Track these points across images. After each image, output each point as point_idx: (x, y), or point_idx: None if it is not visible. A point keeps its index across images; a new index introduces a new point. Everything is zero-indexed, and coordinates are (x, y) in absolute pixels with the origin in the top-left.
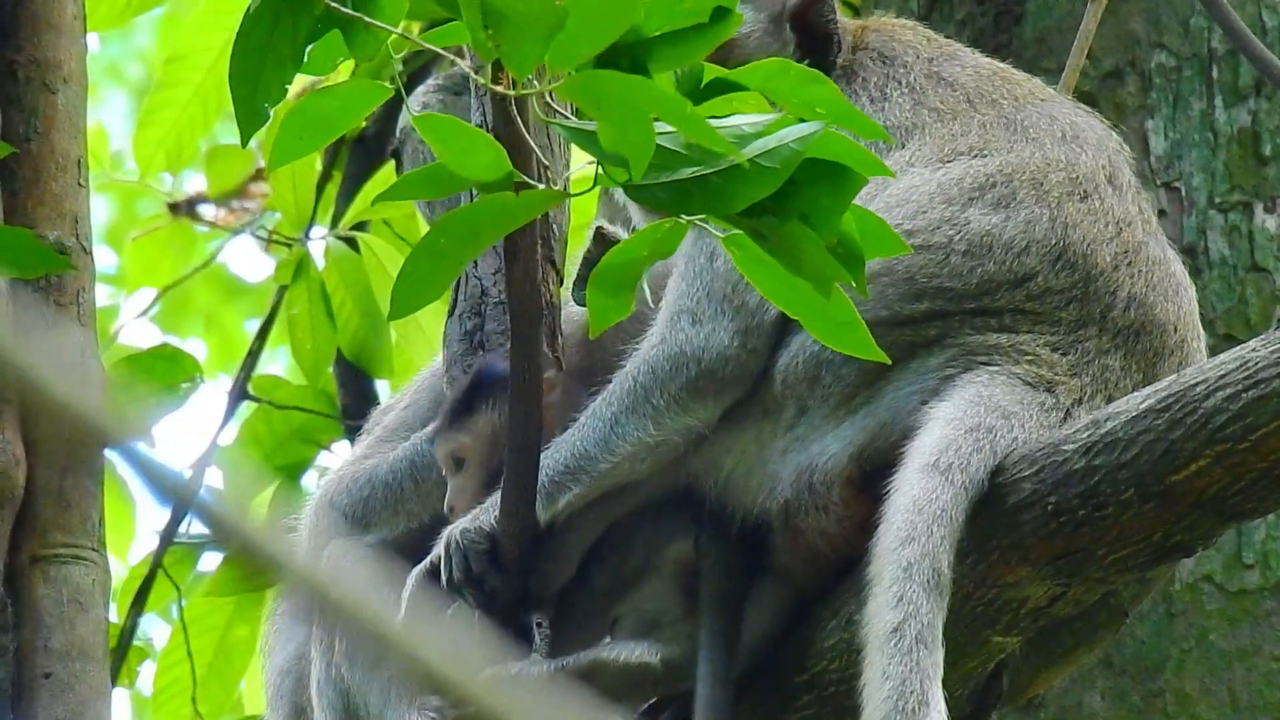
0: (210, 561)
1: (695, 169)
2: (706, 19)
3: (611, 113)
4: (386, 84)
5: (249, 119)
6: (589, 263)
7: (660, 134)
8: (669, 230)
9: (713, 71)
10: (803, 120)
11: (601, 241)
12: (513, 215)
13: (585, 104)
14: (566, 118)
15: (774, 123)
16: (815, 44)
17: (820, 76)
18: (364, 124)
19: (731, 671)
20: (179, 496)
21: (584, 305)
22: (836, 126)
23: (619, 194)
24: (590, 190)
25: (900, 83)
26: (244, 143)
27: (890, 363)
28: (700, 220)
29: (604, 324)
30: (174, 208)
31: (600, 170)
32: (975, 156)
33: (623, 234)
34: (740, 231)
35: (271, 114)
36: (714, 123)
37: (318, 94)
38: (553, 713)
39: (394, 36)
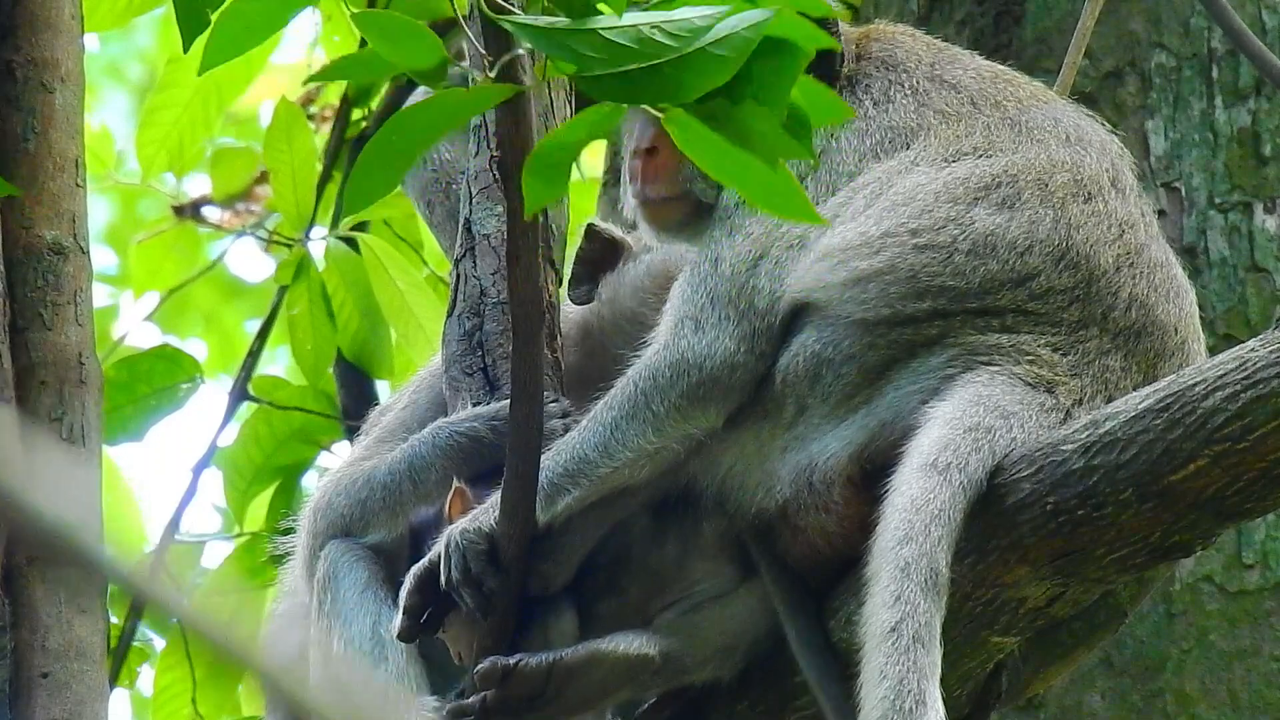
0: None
1: (647, 61)
2: None
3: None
4: None
5: (190, 25)
6: (582, 260)
7: (610, 28)
8: (608, 112)
9: None
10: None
11: (594, 238)
12: (464, 109)
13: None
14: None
15: (723, 13)
16: (820, 55)
17: None
18: (364, 124)
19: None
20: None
21: (579, 304)
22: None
23: (618, 195)
24: (541, 81)
25: (904, 86)
26: (185, 48)
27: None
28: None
29: (537, 205)
30: (179, 210)
31: (548, 61)
32: (980, 156)
33: (616, 231)
34: (679, 110)
35: (210, 19)
36: (664, 16)
37: (394, 121)
38: None
39: None
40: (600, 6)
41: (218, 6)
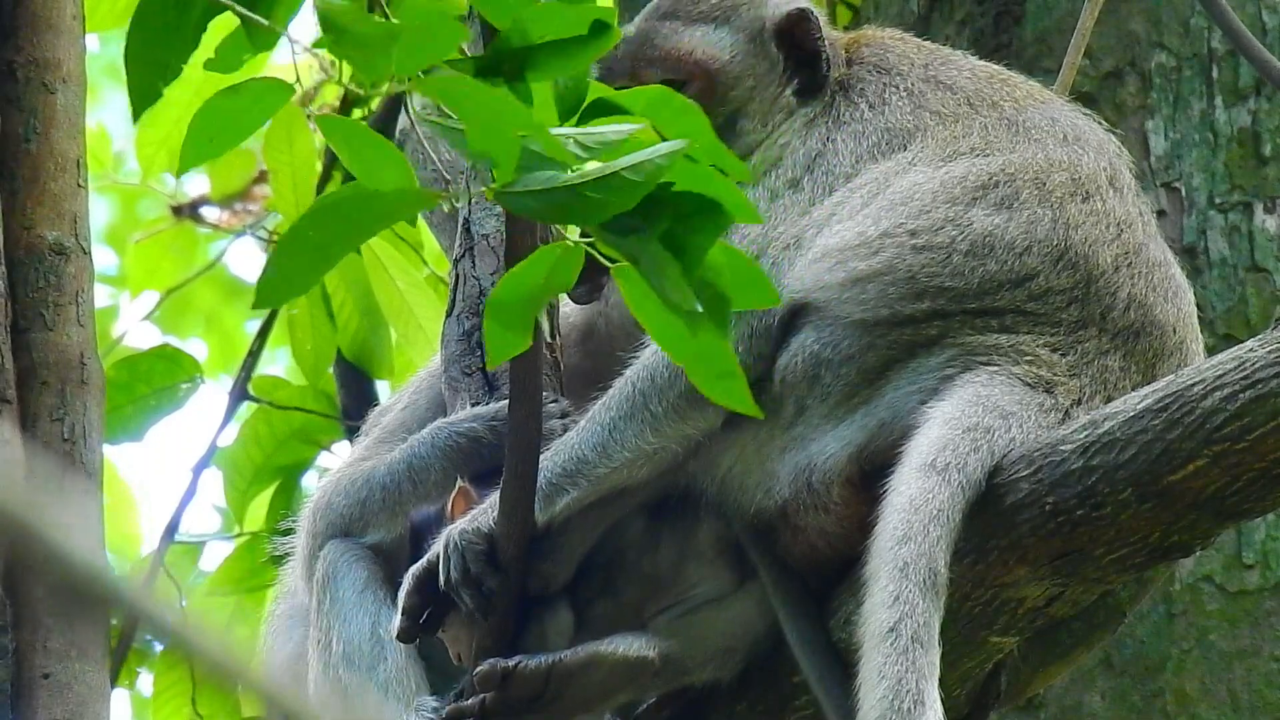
0: (212, 561)
1: (561, 174)
2: (585, 30)
3: (474, 119)
4: (287, 82)
5: (142, 96)
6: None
7: (527, 134)
8: (563, 255)
9: (597, 90)
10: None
11: None
12: (388, 212)
13: (449, 105)
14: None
15: (640, 133)
16: (804, 60)
17: (697, 110)
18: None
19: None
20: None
21: (579, 303)
22: (710, 162)
23: None
24: (468, 198)
25: (899, 88)
26: (135, 119)
27: (761, 416)
28: (587, 245)
29: (501, 357)
30: (177, 210)
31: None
32: (978, 156)
33: None
34: (627, 265)
35: (163, 92)
36: (580, 131)
37: (225, 93)
38: None
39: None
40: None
41: (169, 81)
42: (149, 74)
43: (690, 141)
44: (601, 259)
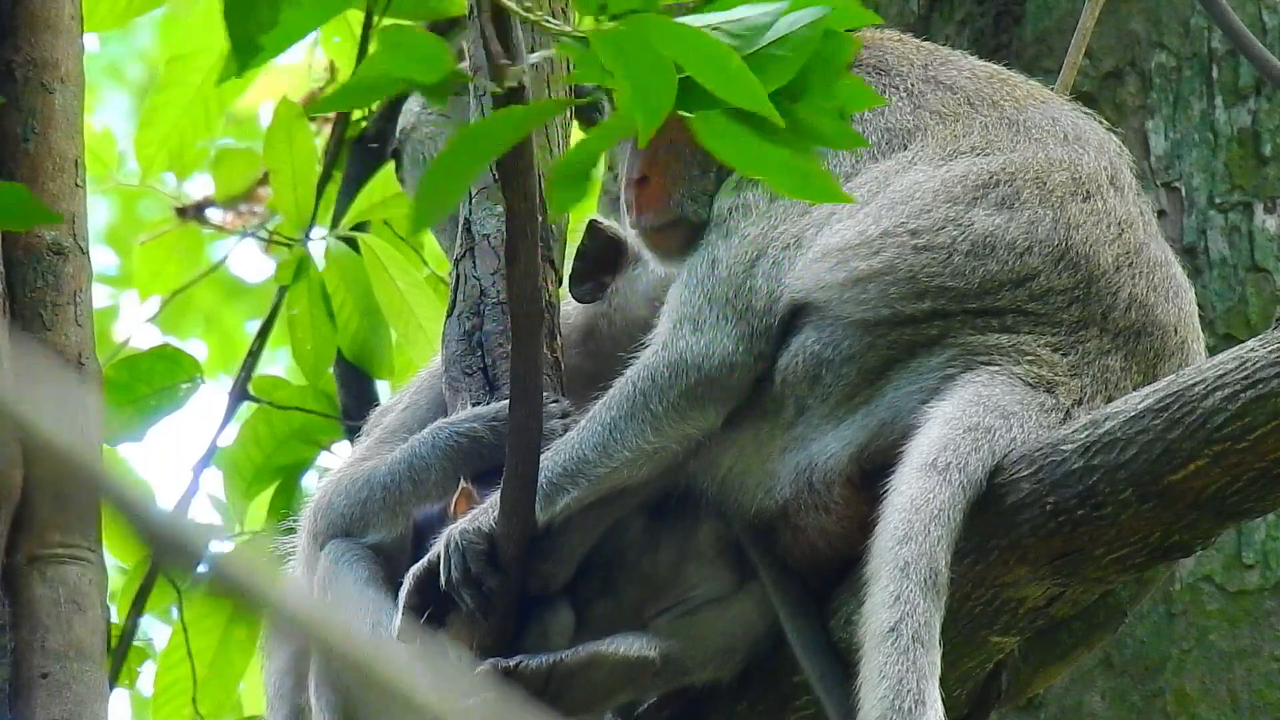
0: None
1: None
2: None
3: (637, 68)
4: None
5: (242, 50)
6: (585, 258)
7: (676, 35)
8: (622, 122)
9: None
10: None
11: (596, 235)
12: (518, 126)
13: (614, 60)
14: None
15: (780, 10)
16: None
17: None
18: (364, 124)
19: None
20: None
21: (582, 302)
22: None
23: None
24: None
25: (898, 89)
26: (239, 73)
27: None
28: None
29: (562, 210)
30: (181, 212)
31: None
32: (978, 156)
33: (618, 228)
34: (712, 112)
35: (263, 45)
36: (721, 16)
37: (457, 140)
38: None
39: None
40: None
41: (268, 30)
42: (246, 26)
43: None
44: (681, 112)
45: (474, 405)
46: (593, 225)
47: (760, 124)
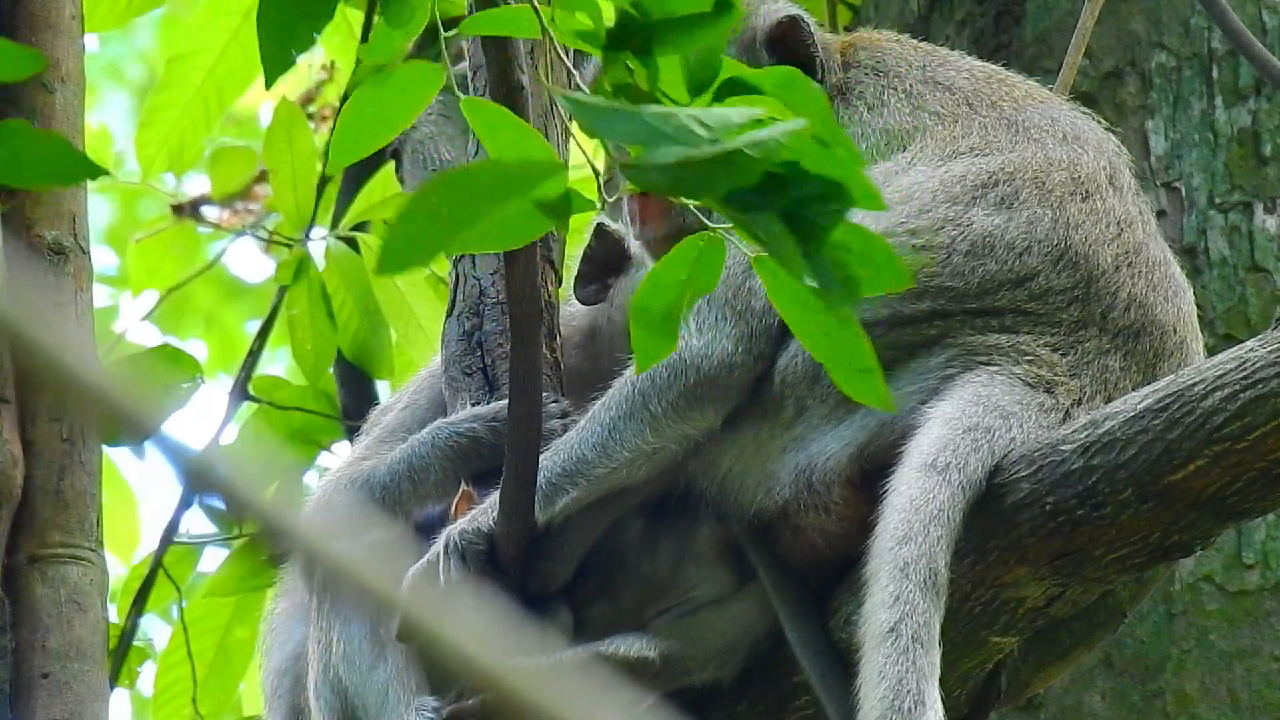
0: (211, 561)
1: (687, 150)
2: (708, 7)
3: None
4: (437, 66)
5: (275, 63)
6: (590, 260)
7: (654, 115)
8: (706, 248)
9: (730, 68)
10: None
11: (602, 237)
12: (514, 186)
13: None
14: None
15: (760, 115)
16: (798, 66)
17: (821, 94)
18: None
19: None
20: (185, 466)
21: (586, 303)
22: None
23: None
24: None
25: (897, 90)
26: (268, 85)
27: (894, 410)
28: (724, 231)
29: (650, 362)
30: (178, 209)
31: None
32: (978, 156)
33: (622, 230)
34: (768, 257)
35: (295, 60)
36: (703, 111)
37: (369, 87)
38: (573, 699)
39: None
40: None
41: (304, 49)
42: (281, 41)
43: (810, 122)
44: (743, 249)
45: (474, 405)
46: (600, 228)
47: (775, 255)
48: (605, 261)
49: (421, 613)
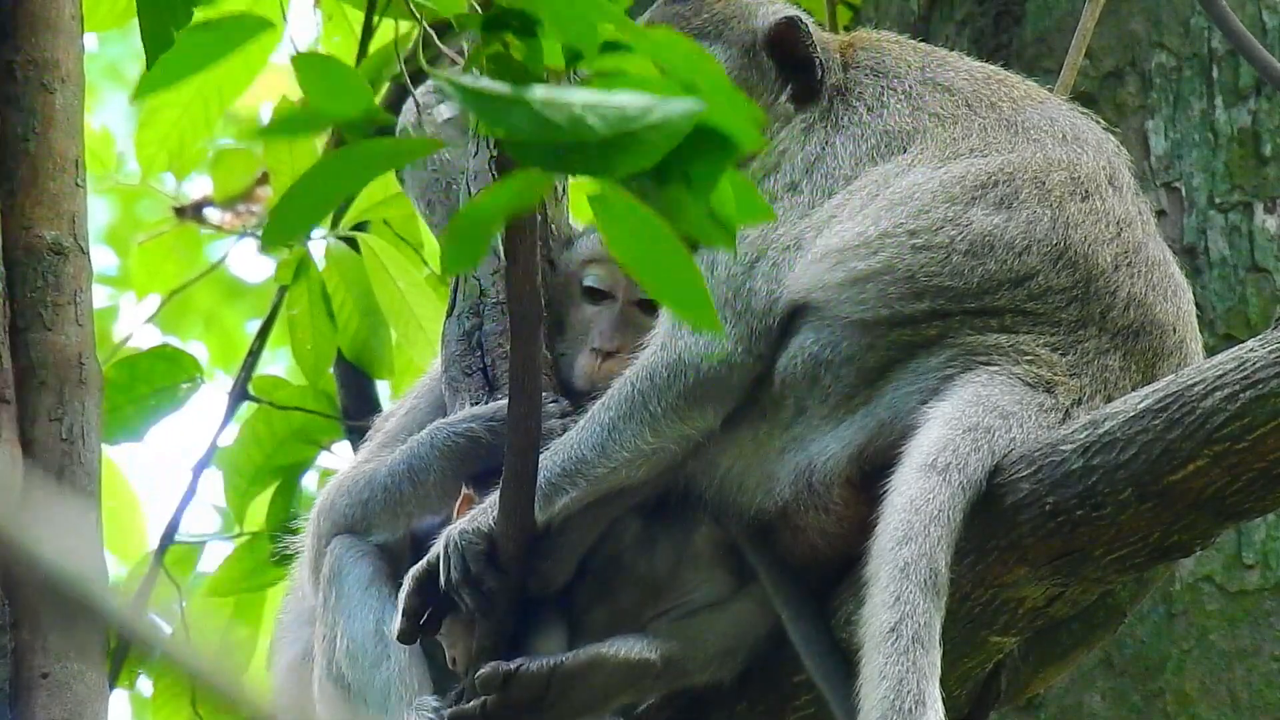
0: (211, 561)
1: (574, 139)
2: None
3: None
4: (266, 18)
5: (155, 41)
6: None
7: (544, 103)
8: (533, 181)
9: (607, 31)
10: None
11: None
12: (390, 159)
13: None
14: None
15: (656, 104)
16: (797, 68)
17: (707, 55)
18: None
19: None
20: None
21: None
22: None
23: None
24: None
25: (896, 91)
26: (149, 65)
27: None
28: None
29: (454, 269)
30: (180, 211)
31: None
32: (977, 156)
33: None
34: (608, 190)
35: (176, 38)
36: (599, 98)
37: (197, 27)
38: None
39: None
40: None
41: (182, 26)
42: (161, 19)
43: (705, 104)
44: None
45: (473, 406)
46: None
47: (661, 209)
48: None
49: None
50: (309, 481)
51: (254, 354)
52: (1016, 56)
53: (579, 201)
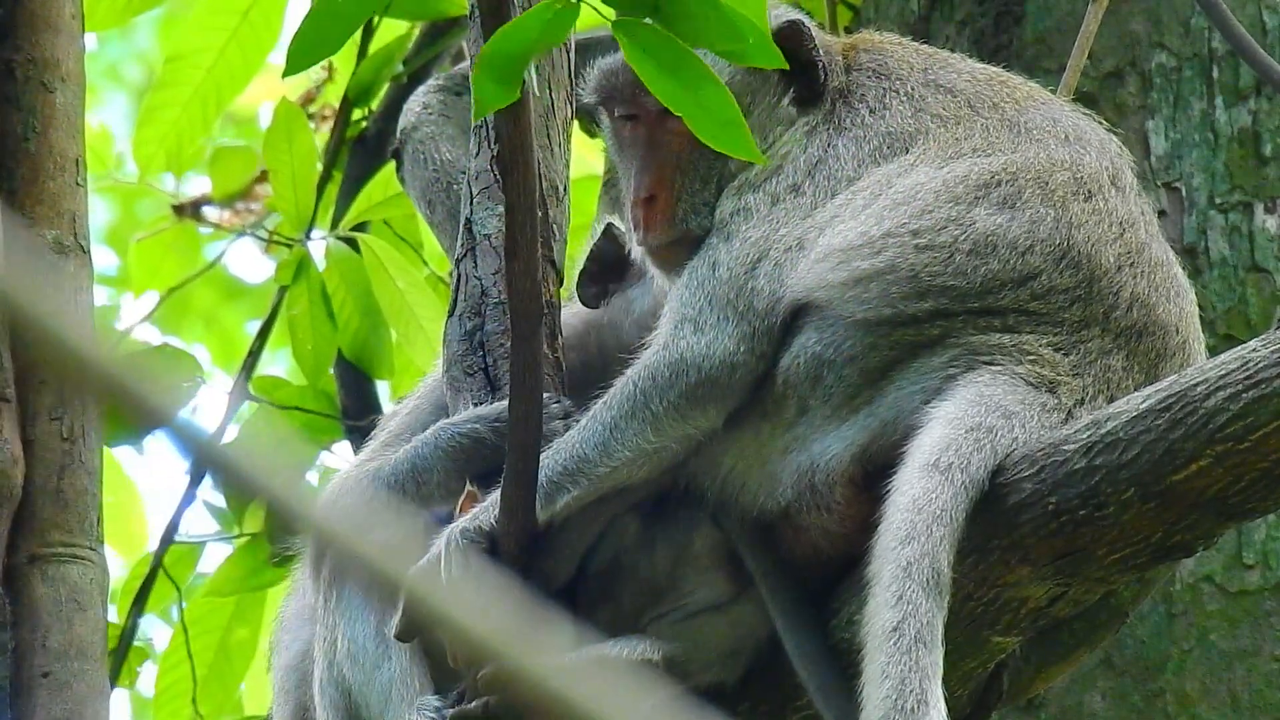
0: (211, 561)
1: None
2: None
3: None
4: None
5: (298, 60)
6: (597, 260)
7: None
8: (560, 11)
9: None
10: None
11: (611, 238)
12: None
13: None
14: None
15: None
16: (799, 72)
17: None
18: (364, 124)
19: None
20: (196, 450)
21: (586, 305)
22: None
23: (617, 194)
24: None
25: (899, 93)
26: (285, 75)
27: (763, 163)
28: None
29: (486, 109)
30: (178, 210)
31: None
32: (980, 156)
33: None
34: (631, 20)
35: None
36: None
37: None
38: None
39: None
40: None
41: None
42: (314, 39)
43: None
44: (602, 16)
45: (475, 405)
46: (609, 228)
47: (685, 31)
48: (612, 265)
49: (426, 609)
50: (311, 482)
51: (254, 354)
52: (1017, 57)
53: (579, 201)
